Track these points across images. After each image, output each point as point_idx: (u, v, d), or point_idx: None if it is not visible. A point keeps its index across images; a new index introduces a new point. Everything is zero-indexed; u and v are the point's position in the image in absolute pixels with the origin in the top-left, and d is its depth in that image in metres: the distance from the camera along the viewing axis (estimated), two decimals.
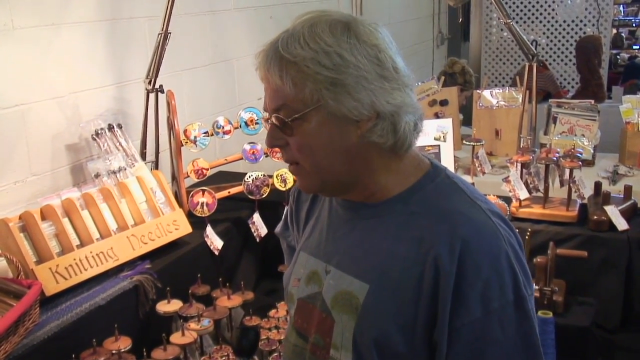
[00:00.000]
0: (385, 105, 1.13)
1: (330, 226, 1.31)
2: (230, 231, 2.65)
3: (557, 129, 3.71)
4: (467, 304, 1.10)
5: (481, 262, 1.11)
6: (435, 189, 1.21)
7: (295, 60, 1.11)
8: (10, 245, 1.99)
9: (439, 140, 2.78)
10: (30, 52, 2.27)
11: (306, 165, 1.19)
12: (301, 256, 1.35)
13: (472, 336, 1.11)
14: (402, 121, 1.16)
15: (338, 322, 1.21)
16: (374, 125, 1.15)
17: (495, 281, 1.11)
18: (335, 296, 1.22)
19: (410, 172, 1.23)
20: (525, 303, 1.14)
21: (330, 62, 1.11)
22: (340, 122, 1.14)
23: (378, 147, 1.17)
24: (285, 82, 1.12)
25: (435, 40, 6.50)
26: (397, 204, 1.21)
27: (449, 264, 1.11)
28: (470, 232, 1.13)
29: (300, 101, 1.13)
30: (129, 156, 2.44)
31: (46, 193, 2.29)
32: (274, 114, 1.17)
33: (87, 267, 2.09)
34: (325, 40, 1.11)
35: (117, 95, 2.66)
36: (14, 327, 1.74)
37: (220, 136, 2.66)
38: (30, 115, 2.27)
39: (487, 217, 1.17)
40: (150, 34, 2.76)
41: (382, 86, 1.13)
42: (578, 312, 2.38)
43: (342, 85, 1.11)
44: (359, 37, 1.13)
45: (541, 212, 2.62)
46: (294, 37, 1.13)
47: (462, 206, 1.18)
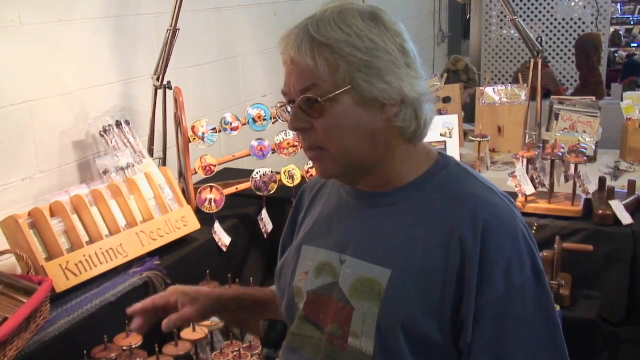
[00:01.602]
0: (410, 91, 1.17)
1: (341, 217, 1.32)
2: (238, 227, 2.65)
3: (559, 125, 3.72)
4: (491, 281, 1.14)
5: (502, 241, 1.15)
6: (448, 175, 1.24)
7: (329, 42, 1.13)
8: (20, 242, 1.99)
9: (444, 136, 2.79)
10: (38, 49, 2.27)
11: (332, 148, 1.20)
12: (306, 250, 1.34)
13: (496, 313, 1.14)
14: (423, 109, 1.20)
15: (358, 309, 1.21)
16: (399, 110, 1.18)
17: (515, 259, 1.15)
18: (354, 284, 1.23)
19: (422, 160, 1.26)
20: (543, 278, 1.19)
21: (363, 44, 1.13)
22: (369, 105, 1.16)
23: (400, 133, 1.20)
24: (317, 63, 1.14)
25: (436, 37, 6.50)
26: (412, 191, 1.24)
27: (473, 244, 1.15)
28: (490, 213, 1.17)
29: (332, 82, 1.15)
30: (136, 152, 2.44)
31: (53, 190, 2.29)
32: (302, 94, 1.17)
33: (96, 264, 2.10)
34: (356, 25, 1.14)
35: (124, 92, 2.66)
36: (25, 324, 1.74)
37: (228, 132, 2.66)
38: (38, 111, 2.27)
39: (500, 199, 1.22)
40: (156, 30, 2.76)
41: (407, 73, 1.16)
42: (584, 305, 2.41)
43: (375, 67, 1.14)
44: (386, 25, 1.17)
45: (546, 206, 2.64)
46: (323, 21, 1.15)
47: (478, 190, 1.22)
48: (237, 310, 1.41)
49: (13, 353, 1.69)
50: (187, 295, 1.33)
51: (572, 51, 5.82)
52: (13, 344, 1.69)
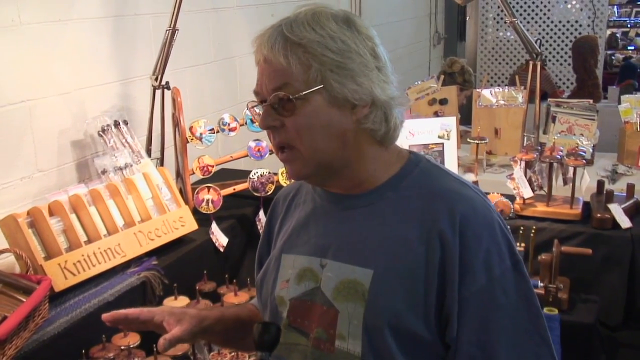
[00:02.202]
0: (380, 94, 1.19)
1: (317, 222, 1.32)
2: (235, 228, 2.65)
3: (556, 128, 3.72)
4: (473, 273, 1.17)
5: (480, 233, 1.19)
6: (422, 173, 1.27)
7: (302, 42, 1.15)
8: (19, 241, 1.99)
9: (442, 139, 2.79)
10: (37, 48, 2.26)
11: (302, 148, 1.21)
12: (285, 258, 1.34)
13: (479, 304, 1.17)
14: (393, 112, 1.23)
15: (343, 311, 1.22)
16: (369, 112, 1.20)
17: (494, 249, 1.19)
18: (337, 287, 1.24)
19: (394, 160, 1.29)
20: (521, 266, 1.22)
21: (336, 46, 1.16)
22: (340, 106, 1.18)
23: (370, 135, 1.23)
24: (290, 62, 1.16)
25: (432, 39, 6.51)
26: (387, 191, 1.26)
27: (452, 237, 1.17)
28: (466, 206, 1.21)
29: (304, 81, 1.16)
30: (134, 152, 2.44)
31: (52, 189, 2.28)
32: (274, 93, 1.18)
33: (95, 263, 2.09)
34: (330, 27, 1.17)
35: (123, 92, 2.65)
36: (24, 323, 1.74)
37: (226, 133, 2.66)
38: (36, 111, 2.26)
39: (475, 193, 1.26)
40: (155, 30, 2.75)
41: (378, 77, 1.20)
42: (582, 309, 2.41)
43: (347, 68, 1.17)
44: (359, 29, 1.20)
45: (545, 210, 2.64)
46: (297, 22, 1.18)
47: (452, 185, 1.26)
48: (222, 331, 1.41)
49: (12, 352, 1.69)
50: (174, 315, 1.32)
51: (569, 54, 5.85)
52: (12, 343, 1.69)
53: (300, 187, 1.42)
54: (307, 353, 1.27)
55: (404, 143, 2.81)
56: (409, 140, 2.80)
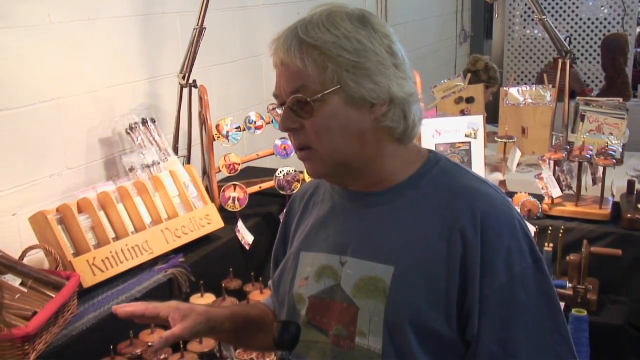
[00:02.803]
0: (398, 92, 1.20)
1: (336, 220, 1.33)
2: (261, 226, 2.66)
3: (585, 127, 3.68)
4: (494, 270, 1.17)
5: (501, 231, 1.19)
6: (441, 171, 1.28)
7: (317, 44, 1.16)
8: (48, 237, 2.01)
9: (469, 137, 2.77)
10: (66, 47, 2.28)
11: (320, 148, 1.22)
12: (304, 256, 1.35)
13: (500, 301, 1.17)
14: (412, 109, 1.23)
15: (363, 308, 1.23)
16: (387, 110, 1.20)
17: (515, 247, 1.19)
18: (357, 284, 1.24)
19: (414, 158, 1.29)
20: (542, 264, 1.22)
21: (351, 46, 1.16)
22: (357, 105, 1.19)
23: (389, 133, 1.23)
24: (306, 64, 1.17)
25: (458, 37, 6.47)
26: (406, 189, 1.27)
27: (473, 235, 1.18)
28: (487, 204, 1.22)
29: (320, 83, 1.17)
30: (162, 150, 2.45)
31: (80, 186, 2.31)
32: (291, 95, 1.19)
33: (122, 260, 2.11)
34: (345, 27, 1.17)
35: (150, 90, 2.67)
36: (53, 318, 1.76)
37: (252, 131, 2.67)
38: (66, 109, 2.29)
39: (495, 190, 1.27)
40: (182, 29, 2.77)
41: (395, 74, 1.20)
42: (611, 310, 2.38)
43: (363, 68, 1.17)
44: (374, 27, 1.20)
45: (573, 209, 2.61)
46: (312, 24, 1.18)
47: (472, 183, 1.26)
48: (232, 329, 1.40)
49: (42, 347, 1.71)
50: (180, 311, 1.31)
51: (598, 52, 5.76)
52: (42, 338, 1.71)
53: (317, 186, 1.42)
54: (327, 350, 1.27)
55: (431, 142, 2.79)
56: (435, 139, 2.78)
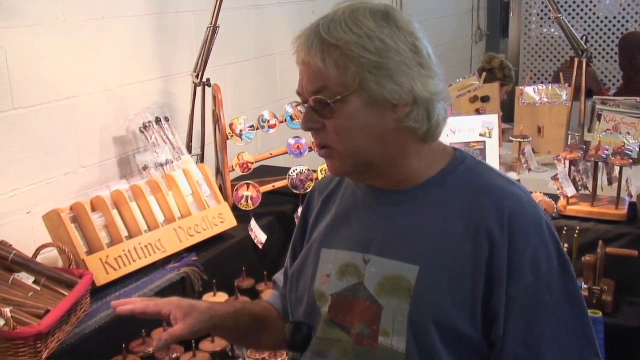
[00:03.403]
0: (422, 91, 1.17)
1: (359, 217, 1.31)
2: (274, 225, 2.66)
3: (602, 126, 3.64)
4: (520, 270, 1.16)
5: (528, 231, 1.18)
6: (467, 170, 1.26)
7: (339, 44, 1.14)
8: (61, 235, 2.02)
9: (484, 136, 2.75)
10: (81, 45, 2.29)
11: (341, 148, 1.21)
12: (325, 252, 1.33)
13: (526, 302, 1.16)
14: (436, 108, 1.21)
15: (386, 307, 1.21)
16: (410, 111, 1.18)
17: (541, 247, 1.18)
18: (381, 282, 1.23)
19: (439, 156, 1.28)
20: (568, 265, 1.21)
21: (373, 46, 1.14)
22: (379, 106, 1.17)
23: (412, 133, 1.21)
24: (327, 65, 1.15)
25: (474, 36, 6.43)
26: (431, 187, 1.25)
27: (500, 234, 1.17)
28: (514, 204, 1.20)
29: (341, 84, 1.16)
30: (175, 149, 2.46)
31: (94, 184, 2.31)
32: (313, 96, 1.19)
33: (135, 258, 2.11)
34: (367, 25, 1.15)
35: (164, 89, 2.67)
36: (66, 316, 1.77)
37: (266, 130, 2.67)
38: (80, 107, 2.30)
39: (521, 190, 1.25)
40: (196, 27, 2.77)
41: (420, 73, 1.17)
42: (627, 312, 2.35)
43: (385, 68, 1.15)
44: (398, 25, 1.17)
45: (589, 210, 2.58)
46: (335, 22, 1.17)
47: (499, 182, 1.25)
48: (234, 327, 1.38)
49: (54, 345, 1.71)
50: (181, 309, 1.28)
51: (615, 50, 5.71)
52: (55, 336, 1.72)
53: (339, 180, 1.41)
54: (348, 349, 1.26)
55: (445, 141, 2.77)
56: (449, 138, 2.76)
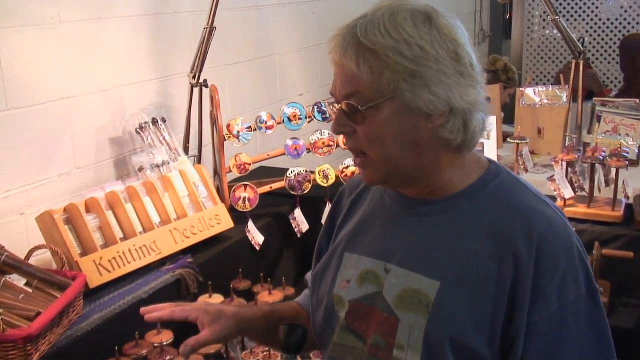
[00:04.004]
0: (459, 102, 1.12)
1: (386, 224, 1.28)
2: (271, 226, 2.65)
3: (601, 127, 3.64)
4: (545, 297, 1.11)
5: (557, 256, 1.13)
6: (500, 185, 1.21)
7: (375, 48, 1.09)
8: (54, 237, 2.01)
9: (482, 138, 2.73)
10: (76, 46, 2.29)
11: (373, 155, 1.17)
12: (348, 257, 1.31)
13: (548, 329, 1.11)
14: (474, 119, 1.15)
15: (403, 320, 1.18)
16: (446, 121, 1.13)
17: (570, 274, 1.13)
18: (400, 294, 1.19)
19: (473, 168, 1.22)
20: (597, 295, 1.16)
21: (411, 52, 1.09)
22: (413, 115, 1.12)
23: (446, 143, 1.16)
24: (361, 69, 1.10)
25: (477, 37, 6.42)
26: (461, 200, 1.20)
27: (527, 258, 1.12)
28: (545, 227, 1.14)
29: (375, 90, 1.11)
30: (172, 150, 2.45)
31: (90, 186, 2.31)
32: (344, 100, 1.15)
33: (130, 260, 2.11)
34: (406, 30, 1.10)
35: (161, 89, 2.67)
36: (57, 319, 1.76)
37: (263, 131, 2.66)
38: (76, 108, 2.29)
39: (554, 212, 1.19)
40: (194, 28, 2.76)
41: (459, 82, 1.12)
42: (623, 313, 2.35)
43: (421, 77, 1.10)
44: (440, 30, 1.12)
45: (586, 211, 2.57)
46: (373, 24, 1.11)
47: (532, 202, 1.19)
48: (264, 330, 1.38)
49: (46, 347, 1.71)
50: (209, 315, 1.29)
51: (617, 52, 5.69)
52: (46, 339, 1.71)
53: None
54: (363, 358, 1.23)
55: None
56: None
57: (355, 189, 1.39)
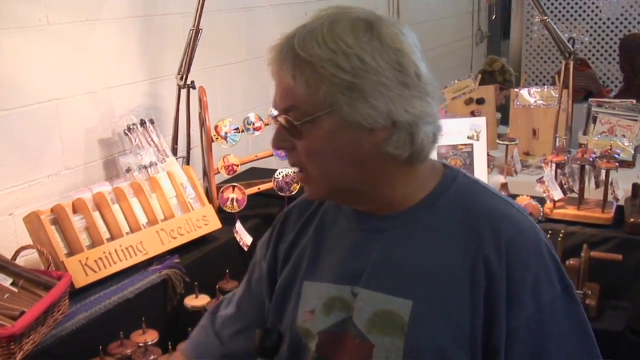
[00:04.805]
0: (403, 115, 1.07)
1: (344, 246, 1.22)
2: (260, 227, 2.65)
3: (597, 129, 3.63)
4: (521, 301, 1.08)
5: (528, 258, 1.10)
6: (459, 191, 1.17)
7: (311, 60, 1.05)
8: (41, 237, 2.02)
9: (472, 139, 2.73)
10: (65, 48, 2.30)
11: (314, 172, 1.13)
12: (308, 286, 1.23)
13: (529, 334, 1.09)
14: (421, 132, 1.09)
15: (379, 345, 1.12)
16: (389, 135, 1.08)
17: (543, 274, 1.11)
18: (371, 318, 1.14)
19: (428, 176, 1.18)
20: (572, 290, 1.14)
21: (349, 64, 1.04)
22: (353, 130, 1.07)
23: (393, 158, 1.11)
24: (297, 82, 1.06)
25: (474, 37, 6.41)
26: (421, 212, 1.16)
27: (497, 263, 1.09)
28: (512, 229, 1.12)
29: (312, 104, 1.07)
30: (160, 151, 2.46)
31: (79, 186, 2.32)
32: (283, 114, 1.11)
33: (116, 261, 2.11)
34: (345, 41, 1.05)
35: (150, 91, 2.68)
36: (42, 318, 1.77)
37: (251, 132, 2.66)
38: (64, 109, 2.30)
39: (519, 212, 1.16)
40: (184, 30, 2.77)
41: (402, 94, 1.07)
42: (611, 316, 2.33)
43: (359, 90, 1.05)
44: (382, 40, 1.06)
45: (575, 213, 2.56)
46: (311, 35, 1.06)
47: (494, 204, 1.16)
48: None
49: (30, 347, 1.72)
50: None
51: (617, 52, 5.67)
52: (30, 338, 1.72)
53: (319, 203, 1.30)
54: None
55: None
56: None
57: (304, 210, 1.32)
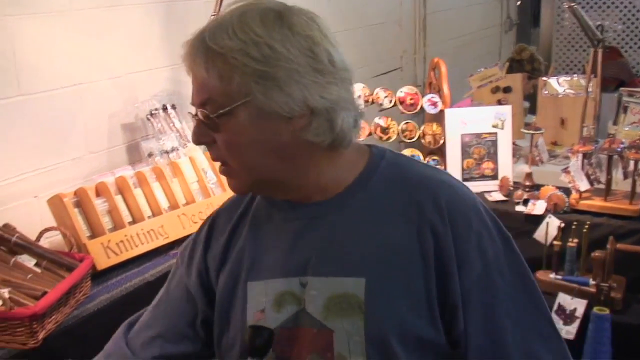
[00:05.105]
0: (319, 101, 1.07)
1: (282, 238, 1.20)
2: None
3: (628, 119, 3.55)
4: (470, 261, 1.12)
5: (469, 218, 1.14)
6: (389, 166, 1.20)
7: (223, 52, 1.05)
8: (65, 220, 2.05)
9: (497, 128, 2.70)
10: (89, 33, 2.31)
11: (235, 165, 1.13)
12: (252, 287, 1.20)
13: (480, 292, 1.12)
14: (339, 118, 1.10)
15: (338, 330, 1.12)
16: (308, 123, 1.09)
17: (484, 231, 1.14)
18: (326, 304, 1.13)
19: (355, 158, 1.19)
20: (511, 242, 1.18)
21: (260, 53, 1.05)
22: (271, 119, 1.08)
23: (315, 145, 1.11)
24: (211, 75, 1.06)
25: (503, 25, 6.30)
26: (356, 192, 1.17)
27: (442, 226, 1.12)
28: (450, 192, 1.16)
29: (227, 95, 1.07)
30: (182, 137, 2.47)
31: (102, 170, 2.34)
32: (199, 108, 1.11)
33: (137, 244, 2.14)
34: (254, 31, 1.05)
35: (173, 77, 2.68)
36: (64, 298, 1.80)
37: None
38: (88, 94, 2.32)
39: (451, 177, 1.21)
40: (207, 16, 2.75)
41: (316, 80, 1.07)
42: (637, 310, 2.32)
43: (272, 78, 1.05)
44: (292, 28, 1.07)
45: (602, 204, 2.53)
46: (222, 27, 1.07)
47: (426, 172, 1.20)
48: None
49: (52, 326, 1.75)
50: None
51: None
52: (52, 317, 1.75)
53: (249, 200, 1.28)
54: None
55: (456, 132, 2.74)
56: (461, 129, 2.72)
57: (233, 212, 1.29)
